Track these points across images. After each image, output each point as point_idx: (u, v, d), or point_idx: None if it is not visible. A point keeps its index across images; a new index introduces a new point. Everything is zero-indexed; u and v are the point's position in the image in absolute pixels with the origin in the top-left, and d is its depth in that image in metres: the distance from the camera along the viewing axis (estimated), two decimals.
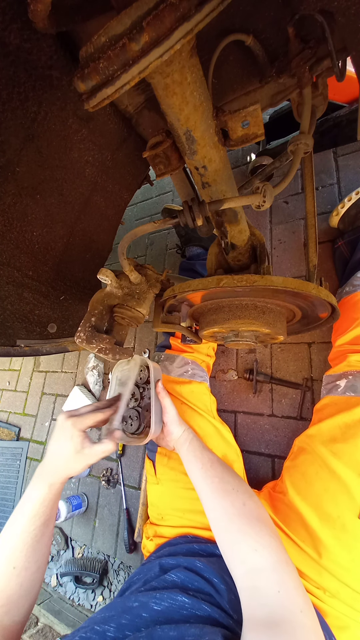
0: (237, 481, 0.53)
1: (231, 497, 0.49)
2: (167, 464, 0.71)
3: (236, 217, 0.51)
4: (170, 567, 0.52)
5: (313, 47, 0.41)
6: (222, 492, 0.50)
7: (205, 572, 0.49)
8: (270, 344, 0.96)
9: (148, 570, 0.54)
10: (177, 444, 0.62)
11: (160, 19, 0.23)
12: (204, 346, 0.91)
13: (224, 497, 0.49)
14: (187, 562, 0.51)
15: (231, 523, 0.46)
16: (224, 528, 0.47)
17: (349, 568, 0.50)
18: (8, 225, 0.55)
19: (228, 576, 0.47)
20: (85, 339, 0.52)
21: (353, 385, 0.64)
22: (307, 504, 0.56)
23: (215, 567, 0.50)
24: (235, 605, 0.43)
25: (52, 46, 0.42)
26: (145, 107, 0.55)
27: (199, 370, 0.87)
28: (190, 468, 0.56)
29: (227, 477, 0.53)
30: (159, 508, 0.70)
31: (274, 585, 0.38)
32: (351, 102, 0.87)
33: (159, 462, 0.73)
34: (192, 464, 0.56)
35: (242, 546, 0.43)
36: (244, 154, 1.25)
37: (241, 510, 0.47)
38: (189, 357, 0.87)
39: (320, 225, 0.97)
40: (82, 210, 0.66)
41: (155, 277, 0.64)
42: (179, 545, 0.60)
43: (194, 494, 0.65)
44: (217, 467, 0.54)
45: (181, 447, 0.60)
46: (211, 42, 0.43)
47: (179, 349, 0.88)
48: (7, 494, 1.45)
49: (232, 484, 0.51)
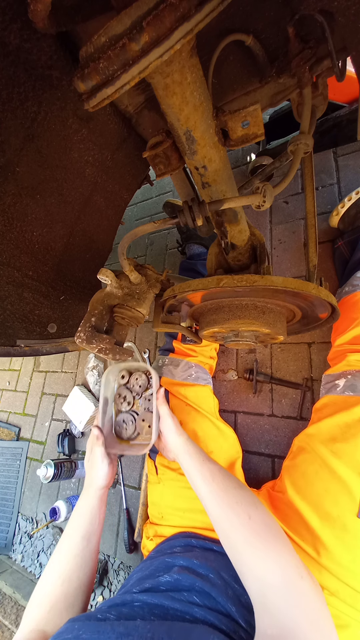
0: (241, 492, 0.51)
1: (236, 510, 0.47)
2: (168, 464, 0.71)
3: (236, 217, 0.51)
4: (166, 566, 0.52)
5: (313, 47, 0.41)
6: (226, 506, 0.49)
7: (200, 568, 0.49)
8: (270, 344, 0.96)
9: (145, 568, 0.54)
10: (177, 455, 0.60)
11: (160, 19, 0.23)
12: (206, 349, 0.91)
13: (229, 511, 0.48)
14: (184, 560, 0.51)
15: (238, 537, 0.45)
16: (232, 542, 0.46)
17: (349, 567, 0.50)
18: (8, 225, 0.55)
19: (225, 572, 0.48)
20: (85, 339, 0.52)
21: (352, 384, 0.64)
22: (307, 504, 0.57)
23: (213, 563, 0.50)
24: (234, 599, 0.43)
25: (52, 46, 0.42)
26: (145, 107, 0.55)
27: (202, 373, 0.88)
28: (193, 480, 0.55)
29: (230, 489, 0.51)
30: (160, 507, 0.70)
31: (282, 603, 0.36)
32: (351, 102, 0.87)
33: (160, 462, 0.73)
34: (194, 476, 0.55)
35: (250, 560, 0.42)
36: (244, 154, 1.25)
37: (247, 524, 0.45)
38: (193, 360, 0.87)
39: (320, 225, 0.97)
40: (82, 210, 0.66)
41: (155, 277, 0.64)
42: (177, 540, 0.60)
43: (193, 494, 0.65)
44: (219, 479, 0.53)
45: (182, 459, 0.58)
46: (211, 42, 0.43)
47: (182, 352, 0.88)
48: (7, 494, 1.45)
49: (236, 497, 0.49)
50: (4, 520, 1.41)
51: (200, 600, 0.43)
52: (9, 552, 1.36)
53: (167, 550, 0.56)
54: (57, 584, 0.52)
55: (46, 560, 1.24)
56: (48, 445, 1.41)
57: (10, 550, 1.36)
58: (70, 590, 0.52)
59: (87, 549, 0.56)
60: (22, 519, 1.39)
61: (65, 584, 0.52)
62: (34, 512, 1.34)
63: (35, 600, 0.52)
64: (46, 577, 0.54)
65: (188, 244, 1.12)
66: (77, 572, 0.54)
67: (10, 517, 1.41)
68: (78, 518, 0.58)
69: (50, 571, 0.54)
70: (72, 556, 0.54)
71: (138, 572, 0.54)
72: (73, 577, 0.53)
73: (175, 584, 0.46)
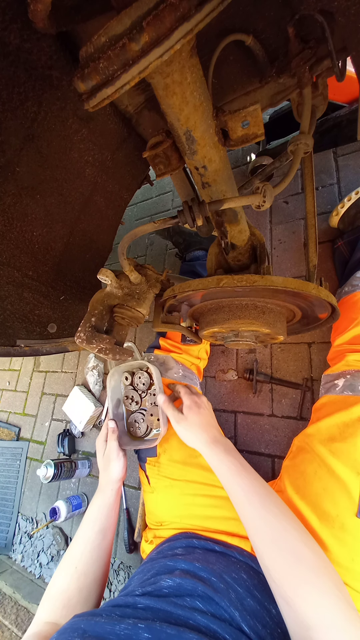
0: (285, 522, 0.45)
1: (281, 546, 0.43)
2: (158, 473, 0.70)
3: (236, 217, 0.51)
4: (167, 569, 0.51)
5: (313, 47, 0.41)
6: (268, 539, 0.44)
7: (202, 572, 0.48)
8: (270, 344, 0.96)
9: (147, 570, 0.54)
10: (203, 454, 0.58)
11: (160, 19, 0.23)
12: (194, 348, 0.89)
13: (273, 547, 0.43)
14: (186, 564, 0.50)
15: (286, 581, 0.40)
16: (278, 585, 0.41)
17: (348, 567, 0.50)
18: (8, 225, 0.55)
19: (227, 575, 0.47)
20: (85, 339, 0.52)
21: (351, 384, 0.64)
22: (306, 503, 0.56)
23: (214, 566, 0.49)
24: (236, 603, 0.42)
25: (52, 46, 0.42)
26: (145, 107, 0.55)
27: (188, 372, 0.86)
28: (232, 493, 0.51)
29: (271, 517, 0.46)
30: (157, 516, 0.69)
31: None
32: (351, 102, 0.87)
33: (150, 472, 0.71)
34: (233, 490, 0.51)
35: (301, 609, 0.37)
36: (244, 154, 1.25)
37: (295, 564, 0.41)
38: (176, 357, 0.86)
39: (320, 225, 0.97)
40: (82, 210, 0.66)
41: (155, 277, 0.64)
42: (179, 541, 0.59)
43: (189, 500, 0.65)
44: (256, 501, 0.48)
45: (210, 460, 0.56)
46: (211, 42, 0.43)
47: (167, 349, 0.87)
48: (7, 494, 1.45)
49: (279, 528, 0.45)
50: (4, 520, 1.41)
51: (203, 605, 0.42)
52: (9, 552, 1.36)
53: (169, 552, 0.56)
54: (73, 579, 0.53)
55: (46, 560, 1.24)
56: (48, 445, 1.41)
57: (10, 550, 1.36)
58: (86, 584, 0.53)
59: (103, 543, 0.57)
60: (22, 519, 1.39)
61: (81, 578, 0.53)
62: (34, 512, 1.34)
63: (51, 594, 0.53)
64: (62, 571, 0.55)
65: (188, 252, 1.11)
66: (92, 566, 0.55)
67: (10, 517, 1.41)
68: (96, 512, 0.59)
69: (66, 565, 0.55)
70: (88, 551, 0.55)
71: (139, 574, 0.53)
72: (89, 572, 0.54)
73: (178, 588, 0.45)
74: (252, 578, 0.48)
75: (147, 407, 0.76)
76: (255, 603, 0.44)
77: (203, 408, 0.65)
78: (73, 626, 0.39)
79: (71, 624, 0.40)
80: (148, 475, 0.71)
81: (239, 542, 0.57)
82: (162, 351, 0.87)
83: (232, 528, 0.59)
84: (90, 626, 0.38)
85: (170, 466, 0.68)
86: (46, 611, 0.51)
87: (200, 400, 0.66)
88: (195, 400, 0.66)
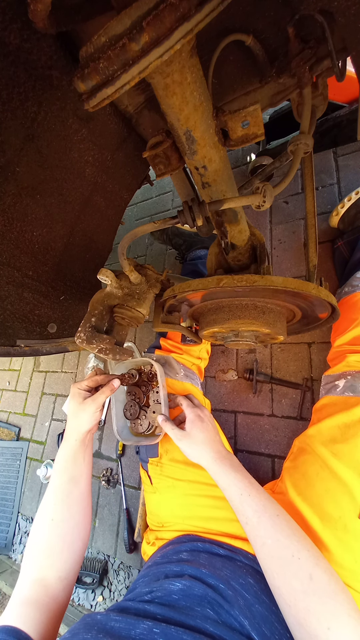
0: (297, 543, 0.44)
1: (293, 568, 0.42)
2: (161, 473, 0.70)
3: (236, 217, 0.51)
4: (174, 574, 0.50)
5: (313, 47, 0.41)
6: (279, 560, 0.43)
7: (210, 578, 0.47)
8: (270, 344, 0.96)
9: (153, 574, 0.53)
10: (206, 468, 0.58)
11: (160, 19, 0.23)
12: (195, 348, 0.89)
13: (285, 568, 0.42)
14: (193, 570, 0.49)
15: (297, 602, 0.39)
16: (289, 607, 0.40)
17: (351, 569, 0.50)
18: (8, 225, 0.55)
19: (234, 581, 0.46)
20: (86, 339, 0.52)
21: (352, 385, 0.64)
22: (308, 505, 0.56)
23: (221, 572, 0.48)
24: (245, 611, 0.42)
25: (52, 46, 0.42)
26: (145, 107, 0.55)
27: (189, 372, 0.87)
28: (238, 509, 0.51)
29: (282, 537, 0.45)
30: (159, 517, 0.69)
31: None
32: (351, 102, 0.87)
33: (153, 472, 0.71)
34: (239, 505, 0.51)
35: (316, 624, 0.37)
36: (244, 154, 1.25)
37: (308, 586, 0.39)
38: (177, 358, 0.86)
39: (320, 225, 0.97)
40: (82, 210, 0.66)
41: (155, 277, 0.64)
42: (183, 544, 0.59)
43: (192, 500, 0.64)
44: (266, 521, 0.47)
45: (213, 473, 0.56)
46: (211, 42, 0.43)
47: (168, 349, 0.87)
48: (7, 494, 1.45)
49: (290, 549, 0.43)
50: (4, 520, 1.41)
51: (214, 613, 0.42)
52: (9, 552, 1.36)
53: (174, 557, 0.55)
54: (51, 528, 0.52)
55: None
56: (48, 445, 1.41)
57: (10, 550, 1.36)
58: (66, 530, 0.52)
59: (76, 491, 0.56)
60: (22, 519, 1.39)
61: (60, 525, 0.53)
62: (34, 512, 1.34)
63: (31, 549, 0.52)
64: (38, 526, 0.54)
65: (189, 252, 1.11)
66: (69, 513, 0.54)
67: (10, 517, 1.41)
68: (62, 463, 0.58)
69: (41, 519, 0.54)
70: (60, 500, 0.55)
71: (145, 578, 0.52)
72: (67, 519, 0.53)
73: (188, 592, 0.45)
74: (259, 582, 0.48)
75: (151, 404, 0.76)
76: (264, 609, 0.43)
77: (206, 422, 0.64)
78: (86, 626, 0.39)
79: (84, 623, 0.40)
80: (150, 476, 0.71)
81: (242, 544, 0.56)
82: (163, 351, 0.87)
83: (236, 530, 0.59)
84: (105, 627, 0.38)
85: (172, 466, 0.68)
86: (31, 567, 0.49)
87: (203, 414, 0.65)
88: (198, 414, 0.65)
